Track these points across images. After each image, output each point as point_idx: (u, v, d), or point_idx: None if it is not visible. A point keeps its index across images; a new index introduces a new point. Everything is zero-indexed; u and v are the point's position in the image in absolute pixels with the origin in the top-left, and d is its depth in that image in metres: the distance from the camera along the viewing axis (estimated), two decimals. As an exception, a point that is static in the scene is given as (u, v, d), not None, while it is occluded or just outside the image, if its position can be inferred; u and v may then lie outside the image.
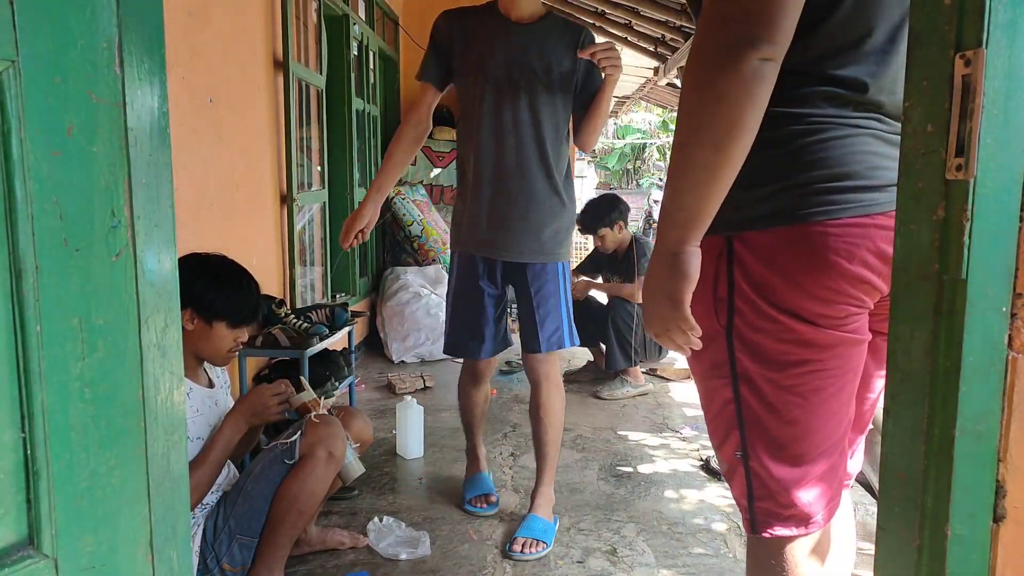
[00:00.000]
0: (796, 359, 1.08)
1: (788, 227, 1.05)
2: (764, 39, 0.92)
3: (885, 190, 1.03)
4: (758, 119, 0.97)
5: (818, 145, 1.04)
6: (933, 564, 0.76)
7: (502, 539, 2.37)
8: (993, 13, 0.68)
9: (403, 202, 5.41)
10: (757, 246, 1.07)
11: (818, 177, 1.03)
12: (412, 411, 3.09)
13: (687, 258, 1.04)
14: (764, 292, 1.07)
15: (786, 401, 1.10)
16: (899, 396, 0.80)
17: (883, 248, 1.04)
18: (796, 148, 1.04)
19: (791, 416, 1.10)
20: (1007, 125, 0.70)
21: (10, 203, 0.61)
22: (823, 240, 1.03)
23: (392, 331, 4.80)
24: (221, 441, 1.87)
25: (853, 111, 1.04)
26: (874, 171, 1.03)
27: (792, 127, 1.05)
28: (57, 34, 0.63)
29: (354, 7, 4.71)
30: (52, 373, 0.64)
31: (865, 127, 1.04)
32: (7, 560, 0.63)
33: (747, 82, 0.93)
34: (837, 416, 1.12)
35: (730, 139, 0.97)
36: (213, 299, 1.85)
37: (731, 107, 0.95)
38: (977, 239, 0.71)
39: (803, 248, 1.04)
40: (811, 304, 1.06)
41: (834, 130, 1.04)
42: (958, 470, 0.74)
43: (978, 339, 0.73)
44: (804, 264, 1.05)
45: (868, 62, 1.02)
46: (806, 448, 1.11)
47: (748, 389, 1.11)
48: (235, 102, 2.90)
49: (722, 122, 0.96)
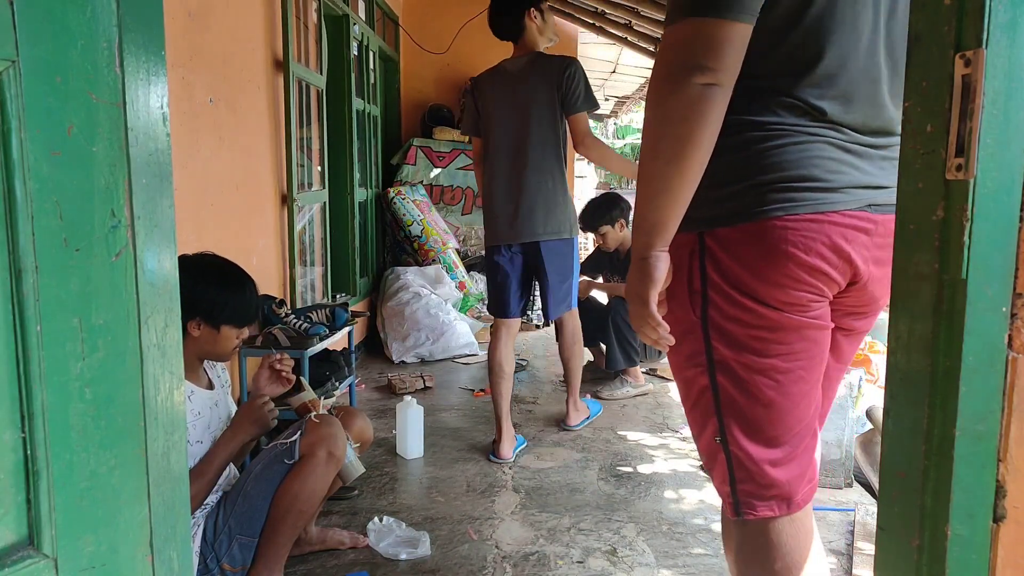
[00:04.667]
0: (767, 343, 1.18)
1: (752, 223, 1.14)
2: (707, 67, 1.05)
3: (840, 191, 1.13)
4: (709, 136, 1.09)
5: (778, 149, 1.13)
6: (933, 564, 0.76)
7: (502, 539, 2.38)
8: (993, 13, 0.68)
9: (403, 202, 5.41)
10: (725, 241, 1.17)
11: (777, 178, 1.13)
12: (412, 411, 3.09)
13: (653, 262, 1.16)
14: (734, 283, 1.17)
15: (760, 384, 1.18)
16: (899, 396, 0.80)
17: (838, 243, 1.13)
18: (758, 152, 1.14)
19: (766, 398, 1.19)
20: (1007, 125, 0.70)
21: (10, 203, 0.61)
22: (782, 234, 1.13)
23: (392, 331, 4.80)
24: (220, 456, 1.90)
25: (811, 121, 1.13)
26: (830, 174, 1.13)
27: (754, 133, 1.15)
28: (57, 34, 0.63)
29: (354, 7, 4.71)
30: (52, 373, 0.64)
31: (822, 135, 1.14)
32: (7, 560, 0.63)
33: (693, 103, 1.06)
34: (807, 398, 1.21)
35: (682, 154, 1.09)
36: (221, 306, 1.87)
37: (680, 125, 1.08)
38: (977, 239, 0.71)
39: (765, 241, 1.14)
40: (775, 292, 1.15)
41: (792, 136, 1.13)
42: (958, 470, 0.74)
43: (978, 339, 0.73)
44: (766, 256, 1.14)
45: (820, 84, 1.12)
46: (781, 430, 1.20)
47: (724, 375, 1.20)
48: (235, 102, 2.90)
49: (674, 139, 1.09)
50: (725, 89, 1.08)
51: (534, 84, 2.96)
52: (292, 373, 2.04)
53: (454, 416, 3.70)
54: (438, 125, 5.99)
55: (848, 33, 1.13)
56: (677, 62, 1.08)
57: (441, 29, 6.10)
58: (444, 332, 4.77)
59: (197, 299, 1.81)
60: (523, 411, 3.75)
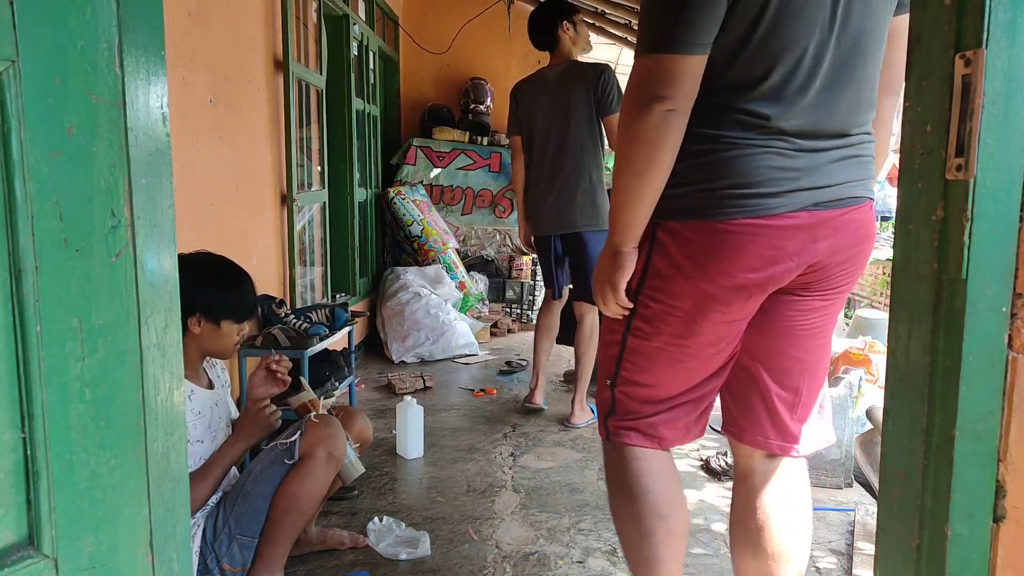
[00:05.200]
0: (678, 323, 1.40)
1: (699, 221, 1.34)
2: (666, 97, 1.25)
3: (781, 196, 1.30)
4: (670, 152, 1.29)
5: (727, 159, 1.31)
6: (933, 564, 0.76)
7: (502, 539, 2.38)
8: (993, 13, 0.68)
9: (403, 202, 5.41)
10: (674, 232, 1.37)
11: (724, 184, 1.31)
12: (412, 411, 3.09)
13: (625, 256, 1.40)
14: (672, 268, 1.38)
15: (646, 356, 1.46)
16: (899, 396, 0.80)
17: (778, 242, 1.31)
18: (710, 161, 1.32)
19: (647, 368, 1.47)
20: (1007, 125, 0.70)
21: (10, 203, 0.61)
22: (723, 235, 1.32)
23: (392, 331, 4.80)
24: (222, 462, 1.90)
25: (759, 134, 1.29)
26: (772, 182, 1.29)
27: (709, 144, 1.32)
28: (57, 34, 0.63)
29: (354, 7, 4.71)
30: (52, 373, 0.64)
31: (769, 146, 1.29)
32: (7, 560, 0.63)
33: (656, 127, 1.26)
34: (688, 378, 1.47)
35: (647, 170, 1.31)
36: (221, 302, 1.88)
37: (645, 145, 1.29)
38: (977, 239, 0.71)
39: (708, 238, 1.33)
40: (704, 283, 1.35)
41: (741, 149, 1.30)
42: (958, 470, 0.74)
43: (978, 339, 0.73)
44: (708, 251, 1.33)
45: (767, 98, 1.28)
46: (659, 394, 1.48)
47: (633, 339, 1.47)
48: (235, 102, 2.90)
49: (641, 156, 1.30)
50: (683, 112, 1.28)
51: (572, 89, 3.26)
52: (289, 375, 2.04)
53: (454, 416, 3.70)
54: (438, 125, 5.99)
55: (794, 49, 1.27)
56: (641, 92, 1.27)
57: (441, 29, 6.10)
58: (444, 332, 4.77)
59: (196, 296, 1.82)
60: (524, 410, 3.75)
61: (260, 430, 1.94)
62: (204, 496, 1.88)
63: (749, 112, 1.29)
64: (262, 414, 1.93)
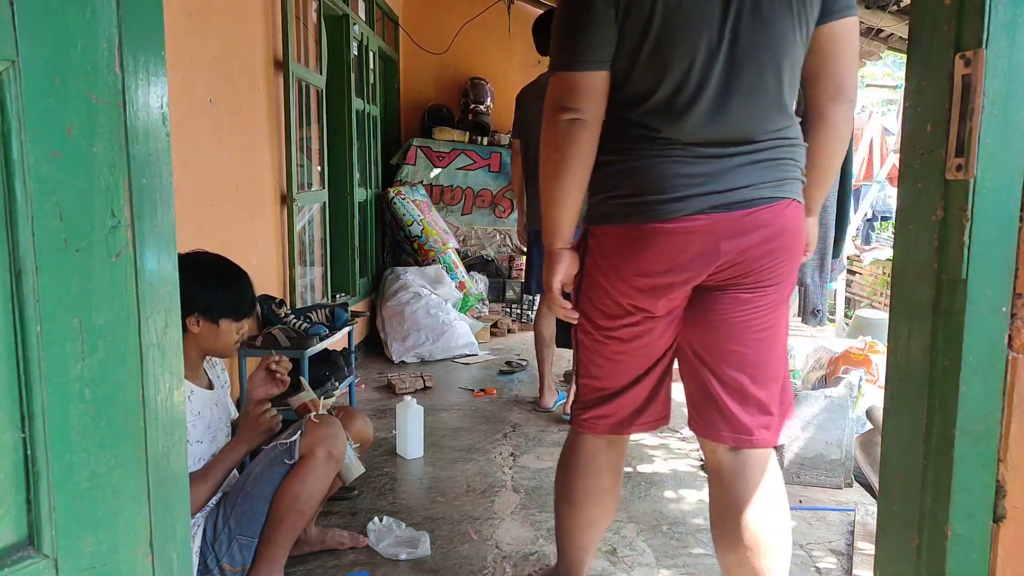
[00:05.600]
0: (607, 319, 1.57)
1: (611, 226, 1.50)
2: (570, 108, 1.44)
3: (681, 201, 1.42)
4: (580, 158, 1.46)
5: (628, 169, 1.46)
6: (933, 564, 0.76)
7: (502, 539, 2.38)
8: (993, 13, 0.68)
9: (403, 202, 5.41)
10: (597, 236, 1.54)
11: (627, 192, 1.46)
12: (412, 411, 3.09)
13: (557, 257, 1.58)
14: (597, 269, 1.54)
15: (596, 346, 1.62)
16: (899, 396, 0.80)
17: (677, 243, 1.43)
18: (617, 170, 1.48)
19: (595, 363, 1.64)
20: (1007, 125, 0.70)
21: (10, 203, 0.61)
22: (627, 239, 1.47)
23: (392, 331, 4.80)
24: (222, 464, 1.90)
25: (655, 145, 1.43)
26: (670, 188, 1.42)
27: (615, 156, 1.48)
28: (57, 34, 0.63)
29: (354, 7, 4.71)
30: (52, 373, 0.64)
31: (666, 155, 1.42)
32: (7, 560, 0.63)
33: (563, 135, 1.45)
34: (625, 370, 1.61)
35: (559, 174, 1.49)
36: (218, 300, 1.88)
37: (556, 151, 1.47)
38: (977, 239, 0.71)
39: (617, 242, 1.49)
40: (619, 283, 1.51)
41: (640, 159, 1.44)
42: (958, 470, 0.74)
43: (978, 339, 0.73)
44: (618, 252, 1.49)
45: (657, 111, 1.42)
46: (605, 386, 1.64)
47: (581, 334, 1.65)
48: (235, 102, 2.90)
49: (553, 163, 1.49)
50: (589, 122, 1.44)
51: None
52: (289, 375, 2.04)
53: (454, 416, 3.70)
54: (438, 125, 5.99)
55: (679, 66, 1.40)
56: (551, 105, 1.46)
57: (441, 29, 6.10)
58: (444, 332, 4.77)
59: (194, 295, 1.82)
60: (523, 410, 3.75)
61: (260, 434, 1.94)
62: (203, 499, 1.88)
63: (643, 125, 1.43)
64: (262, 418, 1.93)
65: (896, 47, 5.33)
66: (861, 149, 7.89)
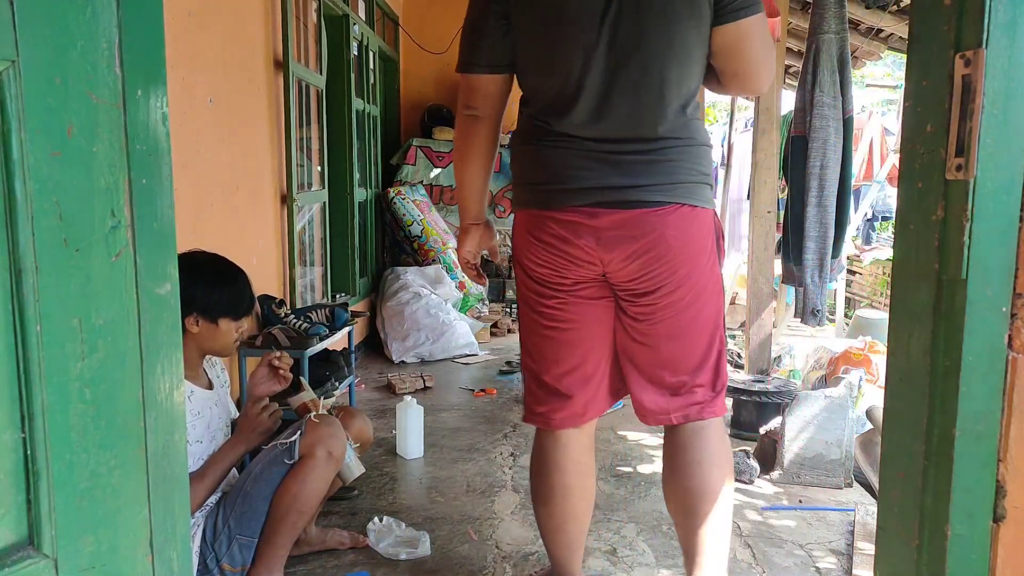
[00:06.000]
0: (533, 300, 1.68)
1: (519, 210, 1.67)
2: (468, 104, 1.66)
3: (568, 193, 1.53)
4: (479, 151, 1.68)
5: (529, 160, 1.62)
6: (933, 564, 0.76)
7: (502, 539, 2.38)
8: (993, 13, 0.68)
9: (403, 202, 5.41)
10: (516, 220, 1.70)
11: (528, 180, 1.63)
12: (412, 411, 3.09)
13: (466, 231, 1.78)
14: (516, 249, 1.69)
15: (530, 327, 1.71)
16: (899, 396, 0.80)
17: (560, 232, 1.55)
18: (520, 161, 1.66)
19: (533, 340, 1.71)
20: (1007, 125, 0.70)
21: (10, 203, 0.61)
22: (528, 222, 1.62)
23: (392, 331, 4.80)
24: (221, 463, 1.90)
25: (553, 139, 1.56)
26: (566, 178, 1.54)
27: (521, 147, 1.66)
28: (57, 34, 0.63)
29: (354, 7, 4.71)
30: (52, 373, 0.64)
31: (563, 147, 1.55)
32: (7, 560, 0.63)
33: (464, 129, 1.68)
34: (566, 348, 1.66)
35: (460, 161, 1.72)
36: (217, 299, 1.89)
37: (460, 141, 1.70)
38: (977, 239, 0.71)
39: (524, 226, 1.64)
40: (531, 264, 1.64)
41: (541, 151, 1.59)
42: (958, 470, 0.74)
43: (978, 339, 0.73)
44: (525, 236, 1.63)
45: (547, 107, 1.57)
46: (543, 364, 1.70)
47: (520, 316, 1.76)
48: (235, 102, 2.90)
49: (458, 151, 1.72)
50: (484, 118, 1.65)
51: None
52: (290, 372, 2.04)
53: (454, 416, 3.70)
54: (438, 125, 5.99)
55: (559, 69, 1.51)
56: (459, 101, 1.67)
57: (441, 29, 6.09)
58: (444, 332, 4.77)
59: (192, 295, 1.82)
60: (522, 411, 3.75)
61: (259, 434, 1.94)
62: (202, 498, 1.88)
63: (540, 120, 1.58)
64: (261, 417, 1.93)
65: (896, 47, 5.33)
66: (861, 149, 7.89)
